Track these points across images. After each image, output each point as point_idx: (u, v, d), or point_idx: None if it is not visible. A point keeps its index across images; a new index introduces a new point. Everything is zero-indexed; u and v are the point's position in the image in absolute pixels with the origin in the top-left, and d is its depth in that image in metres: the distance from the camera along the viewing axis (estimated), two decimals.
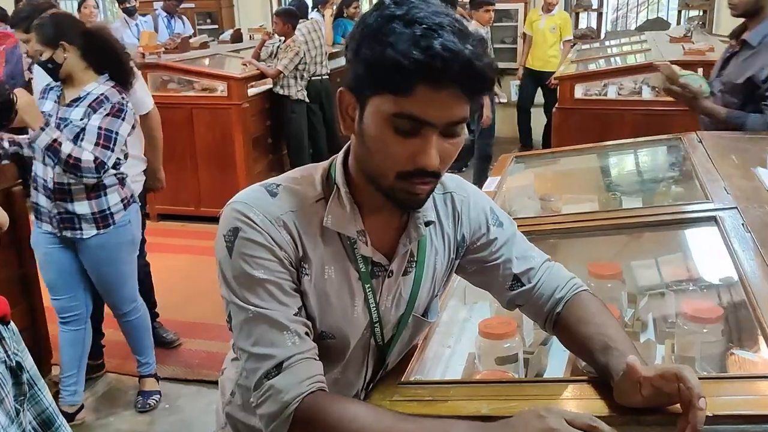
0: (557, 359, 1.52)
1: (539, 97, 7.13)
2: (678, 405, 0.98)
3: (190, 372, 3.37)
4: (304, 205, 1.10)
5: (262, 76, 5.62)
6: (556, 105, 4.62)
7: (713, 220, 1.72)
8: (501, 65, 7.12)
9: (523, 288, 1.26)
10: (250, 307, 1.05)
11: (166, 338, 3.58)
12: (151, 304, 3.46)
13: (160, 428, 3.04)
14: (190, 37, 6.67)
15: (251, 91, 5.54)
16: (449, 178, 1.25)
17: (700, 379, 0.95)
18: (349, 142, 1.11)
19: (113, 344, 3.39)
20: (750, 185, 1.93)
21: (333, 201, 1.10)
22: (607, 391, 1.08)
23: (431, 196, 1.18)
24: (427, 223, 1.15)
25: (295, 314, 1.07)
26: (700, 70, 4.23)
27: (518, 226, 1.36)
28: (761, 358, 1.24)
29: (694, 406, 0.92)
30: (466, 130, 1.03)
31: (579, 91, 4.60)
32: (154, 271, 3.62)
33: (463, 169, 6.55)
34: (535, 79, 6.99)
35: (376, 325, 1.16)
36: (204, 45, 6.48)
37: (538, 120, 7.15)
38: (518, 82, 7.18)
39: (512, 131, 7.32)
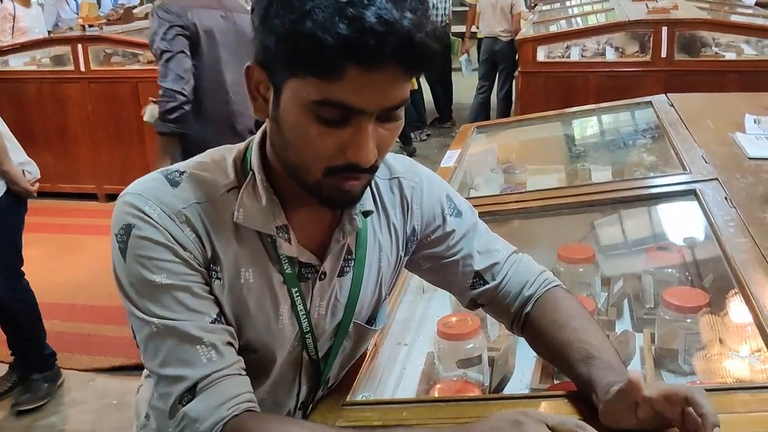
0: (526, 359, 1.36)
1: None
2: (674, 429, 0.83)
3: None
4: (213, 195, 0.90)
5: None
6: (518, 69, 4.47)
7: (692, 193, 1.57)
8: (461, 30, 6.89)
9: (487, 286, 1.08)
10: (154, 320, 0.86)
11: None
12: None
13: (108, 426, 2.84)
14: (134, 7, 6.33)
15: None
16: (397, 161, 1.06)
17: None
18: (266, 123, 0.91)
19: (53, 335, 3.16)
20: (729, 152, 1.78)
21: (245, 191, 0.90)
22: (589, 408, 0.92)
23: (373, 180, 1.00)
24: (365, 214, 0.96)
25: (213, 321, 0.88)
26: (665, 29, 4.11)
27: (479, 206, 1.19)
28: (762, 357, 1.09)
29: None
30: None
31: (541, 54, 4.45)
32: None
33: (424, 137, 6.37)
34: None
35: (307, 336, 0.98)
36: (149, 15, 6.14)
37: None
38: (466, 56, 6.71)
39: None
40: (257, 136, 0.93)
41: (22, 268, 2.88)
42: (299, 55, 0.76)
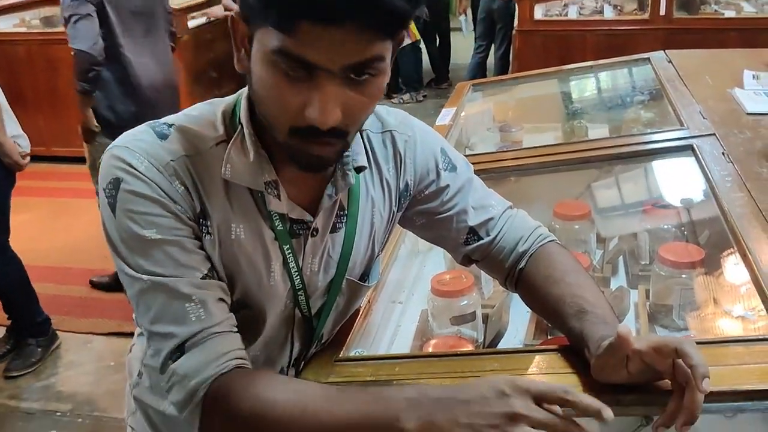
0: (519, 315, 1.36)
1: None
2: (666, 380, 0.82)
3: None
4: (202, 148, 0.88)
5: (204, 5, 5.23)
6: (516, 27, 4.40)
7: (690, 149, 1.55)
8: None
9: (481, 242, 1.07)
10: (144, 276, 0.85)
11: None
12: None
13: (105, 388, 2.86)
14: None
15: (191, 23, 5.16)
16: (389, 114, 1.04)
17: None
18: None
19: (50, 299, 3.16)
20: (727, 108, 1.76)
21: (233, 146, 0.88)
22: (581, 362, 0.91)
23: (365, 134, 0.98)
24: (358, 169, 0.94)
25: (204, 277, 0.87)
26: None
27: (475, 163, 1.17)
28: (756, 314, 1.08)
29: (696, 389, 0.75)
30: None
31: (539, 12, 4.38)
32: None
33: (420, 98, 6.30)
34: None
35: (299, 293, 0.97)
36: None
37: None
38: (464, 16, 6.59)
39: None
40: (246, 90, 0.90)
41: (11, 239, 2.85)
42: (260, 5, 0.74)
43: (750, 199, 1.28)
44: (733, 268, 1.18)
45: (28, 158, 2.78)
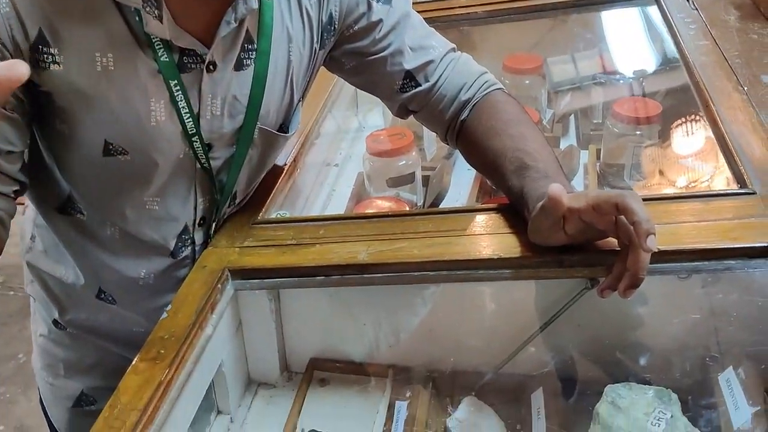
0: (463, 177, 1.25)
1: None
2: (611, 239, 0.73)
3: None
4: None
5: None
6: None
7: None
8: None
9: (419, 89, 0.94)
10: None
11: None
12: None
13: None
14: None
15: None
16: None
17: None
18: None
19: None
20: None
21: None
22: (521, 223, 0.82)
23: None
24: None
25: None
26: None
27: (419, 12, 1.01)
28: (716, 168, 0.99)
29: (639, 247, 0.66)
30: None
31: None
32: None
33: None
34: None
35: (194, 139, 0.83)
36: None
37: None
38: None
39: None
40: None
41: None
42: None
43: (715, 47, 1.17)
44: (693, 121, 1.09)
45: None
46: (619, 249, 0.72)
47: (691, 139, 1.11)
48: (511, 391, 0.86)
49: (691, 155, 1.10)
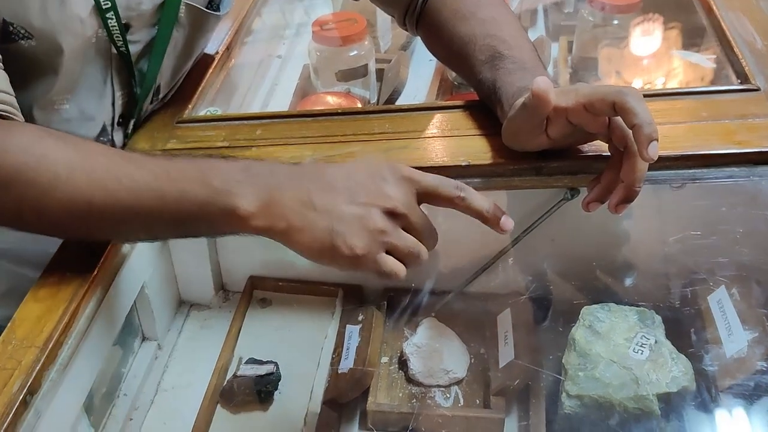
0: (423, 69, 1.12)
1: None
2: (600, 141, 0.63)
3: None
4: None
5: None
6: None
7: None
8: None
9: None
10: None
11: None
12: None
13: None
14: None
15: None
16: None
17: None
18: None
19: None
20: None
21: None
22: (493, 121, 0.70)
23: None
24: None
25: None
26: None
27: None
28: (712, 61, 0.88)
29: (638, 155, 0.56)
30: None
31: None
32: None
33: None
34: None
35: (109, 15, 0.68)
36: None
37: None
38: None
39: None
40: None
41: None
42: None
43: None
44: (682, 5, 0.96)
45: None
46: (608, 155, 0.61)
47: (680, 28, 0.99)
48: (476, 313, 0.77)
49: (681, 46, 0.99)
